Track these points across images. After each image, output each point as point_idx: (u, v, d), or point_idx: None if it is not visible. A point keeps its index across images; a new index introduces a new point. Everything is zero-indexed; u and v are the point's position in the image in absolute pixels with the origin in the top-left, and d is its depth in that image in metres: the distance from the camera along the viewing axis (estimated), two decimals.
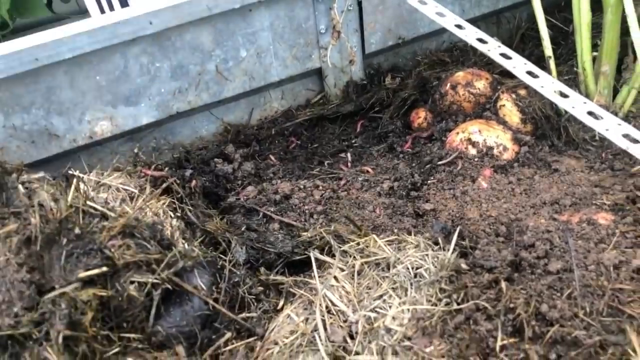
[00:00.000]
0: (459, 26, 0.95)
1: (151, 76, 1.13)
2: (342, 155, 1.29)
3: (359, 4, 1.24)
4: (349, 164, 1.26)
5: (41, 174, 0.85)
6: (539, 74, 0.81)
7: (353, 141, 1.33)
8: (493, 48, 0.88)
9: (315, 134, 1.35)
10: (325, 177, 1.20)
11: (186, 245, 0.93)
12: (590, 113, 0.74)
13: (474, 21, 1.43)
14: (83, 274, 0.74)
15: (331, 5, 1.19)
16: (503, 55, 0.86)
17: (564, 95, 0.78)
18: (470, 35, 0.91)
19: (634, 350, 0.73)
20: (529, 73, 0.82)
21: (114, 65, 1.08)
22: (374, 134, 1.33)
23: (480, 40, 0.90)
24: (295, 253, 1.02)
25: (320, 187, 1.17)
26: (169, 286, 0.82)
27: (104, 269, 0.76)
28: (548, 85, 0.80)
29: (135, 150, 1.15)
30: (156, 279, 0.81)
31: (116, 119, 1.15)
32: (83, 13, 2.94)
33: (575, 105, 0.76)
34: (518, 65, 0.84)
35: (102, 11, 1.46)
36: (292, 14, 1.19)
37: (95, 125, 1.14)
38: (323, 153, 1.30)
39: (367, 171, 1.21)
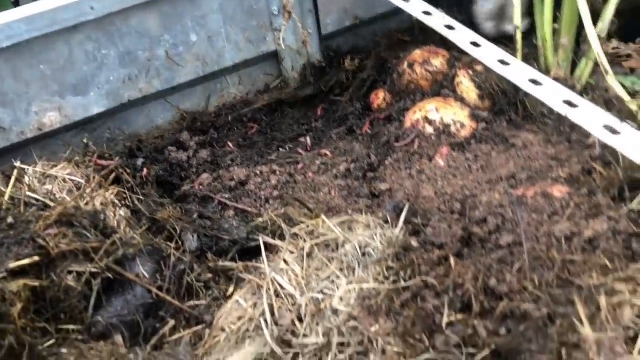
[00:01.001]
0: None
1: (98, 64, 1.10)
2: (302, 139, 1.27)
3: None
4: (309, 148, 1.24)
5: None
6: (482, 43, 0.79)
7: (313, 125, 1.31)
8: (438, 19, 0.86)
9: (275, 119, 1.33)
10: (283, 162, 1.18)
11: (137, 230, 0.90)
12: (531, 80, 0.72)
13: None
14: (13, 264, 0.72)
15: None
16: (448, 27, 0.84)
17: (505, 63, 0.76)
18: (416, 8, 0.89)
19: (581, 321, 0.72)
20: (473, 44, 0.80)
21: (58, 54, 1.06)
22: (335, 117, 1.31)
23: (425, 12, 0.88)
24: (250, 239, 1.00)
25: (278, 172, 1.15)
26: (110, 275, 0.80)
27: (36, 258, 0.73)
28: (490, 54, 0.78)
29: (85, 141, 1.12)
30: (95, 267, 0.79)
31: (65, 110, 1.12)
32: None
33: (516, 72, 0.74)
34: (461, 36, 0.82)
35: None
36: None
37: (43, 116, 1.11)
38: (282, 138, 1.28)
39: (325, 154, 1.19)
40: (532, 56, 1.22)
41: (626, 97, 1.03)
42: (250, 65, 1.27)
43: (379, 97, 1.27)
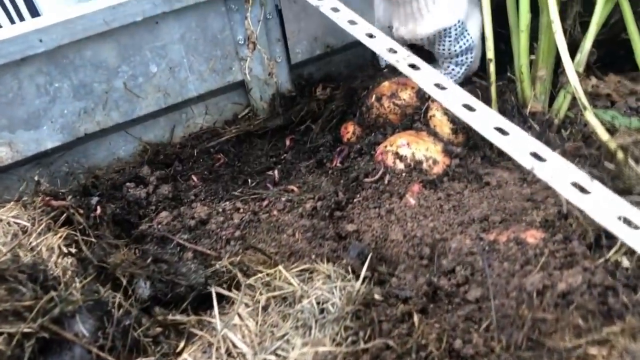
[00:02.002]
0: (370, 35, 0.87)
1: (51, 97, 1.04)
2: (270, 172, 1.22)
3: (279, 11, 1.16)
4: (276, 182, 1.19)
5: None
6: (447, 85, 0.74)
7: (282, 157, 1.26)
8: (402, 58, 0.80)
9: (243, 151, 1.27)
10: (247, 199, 1.12)
11: (77, 284, 0.84)
12: (497, 128, 0.67)
13: None
14: None
15: (246, 14, 1.11)
16: (412, 65, 0.79)
17: (471, 109, 0.71)
18: (381, 45, 0.84)
19: None
20: (437, 85, 0.75)
21: (6, 88, 1.00)
22: (304, 149, 1.25)
23: (391, 49, 0.83)
24: (208, 284, 0.94)
25: (241, 210, 1.09)
26: (46, 335, 0.74)
27: None
28: (455, 98, 0.73)
29: (36, 178, 1.06)
30: (28, 328, 0.73)
31: (16, 145, 1.06)
32: None
33: (482, 119, 0.69)
34: (426, 76, 0.77)
35: (12, 21, 1.37)
36: (205, 24, 1.11)
37: None
38: (249, 171, 1.22)
39: (292, 190, 1.13)
40: (507, 88, 1.17)
41: (605, 136, 0.98)
42: (217, 94, 1.22)
43: (349, 130, 1.22)
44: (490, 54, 1.12)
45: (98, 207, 1.01)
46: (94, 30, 1.00)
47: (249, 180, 1.20)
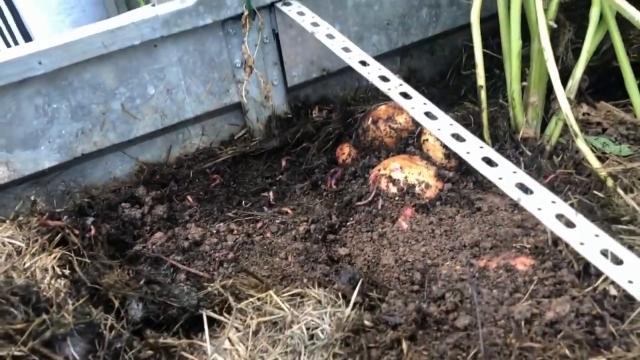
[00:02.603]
0: (363, 63, 0.89)
1: (49, 118, 1.06)
2: (265, 194, 1.23)
3: (276, 36, 1.18)
4: (271, 203, 1.20)
5: None
6: (438, 115, 0.75)
7: (277, 178, 1.27)
8: (394, 87, 0.82)
9: (239, 171, 1.28)
10: (241, 220, 1.13)
11: (70, 306, 0.85)
12: (485, 159, 0.68)
13: (404, 50, 1.38)
14: None
15: (243, 38, 1.13)
16: (403, 94, 0.80)
17: (460, 139, 0.72)
18: (373, 72, 0.85)
19: None
20: (427, 114, 0.76)
21: (4, 108, 1.01)
22: (300, 170, 1.27)
23: (383, 77, 0.84)
24: (201, 307, 0.94)
25: (235, 232, 1.10)
26: (36, 359, 0.75)
27: None
28: (445, 127, 0.74)
29: (32, 197, 1.07)
30: (20, 351, 0.73)
31: (13, 164, 1.07)
32: None
33: (470, 150, 0.70)
34: (417, 105, 0.78)
35: (8, 44, 1.39)
36: (203, 48, 1.13)
37: None
38: (245, 192, 1.23)
39: (287, 212, 1.14)
40: (499, 114, 1.19)
41: (595, 163, 1.00)
42: (214, 116, 1.23)
43: (344, 152, 1.23)
44: (481, 80, 1.13)
45: (92, 228, 1.01)
46: (92, 53, 1.01)
47: (244, 202, 1.21)
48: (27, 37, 1.37)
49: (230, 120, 1.28)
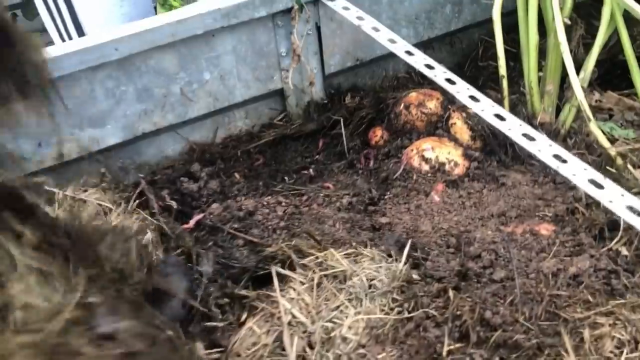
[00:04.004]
0: (408, 52, 1.01)
1: (116, 99, 1.17)
2: (305, 171, 1.35)
3: (318, 28, 1.30)
4: (312, 179, 1.32)
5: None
6: (480, 98, 0.88)
7: (315, 158, 1.39)
8: (439, 73, 0.95)
9: (279, 152, 1.40)
10: (287, 194, 1.25)
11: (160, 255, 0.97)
12: (524, 135, 0.81)
13: (428, 42, 1.50)
14: None
15: (291, 30, 1.25)
16: (448, 80, 0.93)
17: (501, 118, 0.85)
18: (419, 61, 0.98)
19: (567, 351, 0.80)
20: (471, 97, 0.89)
21: (81, 90, 1.12)
22: (335, 151, 1.39)
23: (428, 66, 0.97)
24: (259, 268, 1.06)
25: (283, 203, 1.22)
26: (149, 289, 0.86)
27: None
28: (488, 108, 0.87)
29: (102, 170, 1.19)
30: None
31: (83, 141, 1.18)
32: (47, 31, 2.96)
33: (511, 127, 0.83)
34: (461, 90, 0.91)
35: (62, 39, 1.50)
36: (254, 37, 1.24)
37: (62, 147, 1.17)
38: (286, 170, 1.35)
39: (328, 187, 1.26)
40: (519, 101, 1.32)
41: (606, 144, 1.13)
42: (257, 100, 1.35)
43: (377, 135, 1.36)
44: (503, 70, 1.27)
45: (166, 196, 1.13)
46: (161, 42, 1.13)
47: (287, 178, 1.33)
48: (80, 29, 1.47)
49: (270, 105, 1.40)
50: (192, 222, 1.17)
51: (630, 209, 0.71)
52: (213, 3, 1.15)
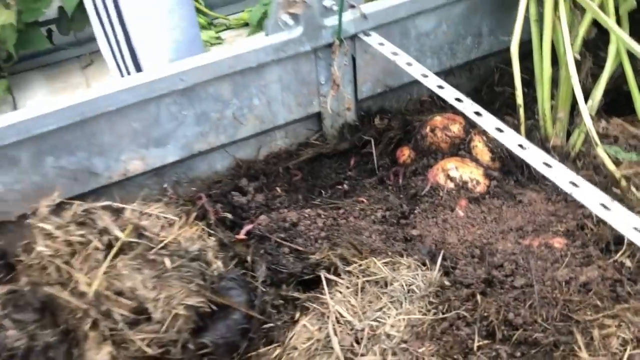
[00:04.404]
0: (440, 87, 1.16)
1: (178, 122, 1.32)
2: (339, 186, 1.49)
3: (354, 59, 1.45)
4: (346, 195, 1.46)
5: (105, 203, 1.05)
6: (504, 129, 1.03)
7: (348, 174, 1.54)
8: (468, 106, 1.09)
9: (315, 168, 1.55)
10: (325, 207, 1.40)
11: (220, 265, 1.11)
12: (544, 163, 0.96)
13: (450, 70, 1.66)
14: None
15: (331, 62, 1.40)
16: (476, 113, 1.08)
17: (523, 147, 1.00)
18: (449, 95, 1.13)
19: (579, 348, 0.95)
20: (498, 129, 1.04)
21: (149, 114, 1.27)
22: (366, 168, 1.54)
23: (458, 99, 1.12)
24: (304, 273, 1.21)
25: (322, 216, 1.36)
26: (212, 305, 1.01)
27: None
28: (512, 139, 1.01)
29: (165, 185, 1.34)
30: (201, 301, 0.99)
31: (147, 159, 1.33)
32: (81, 45, 3.11)
33: (532, 156, 0.98)
34: (488, 122, 1.05)
35: (122, 74, 1.64)
36: (298, 68, 1.40)
37: (129, 163, 1.32)
38: (322, 185, 1.50)
39: (362, 201, 1.41)
40: (534, 126, 1.47)
41: (611, 167, 1.28)
42: (297, 122, 1.50)
43: (404, 154, 1.50)
44: (520, 100, 1.42)
45: (219, 209, 1.28)
46: (220, 73, 1.28)
47: (323, 192, 1.48)
48: (134, 56, 1.62)
49: (308, 126, 1.55)
50: (242, 232, 1.32)
51: (635, 229, 0.85)
52: (264, 39, 1.31)
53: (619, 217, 0.88)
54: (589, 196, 0.92)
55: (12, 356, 0.91)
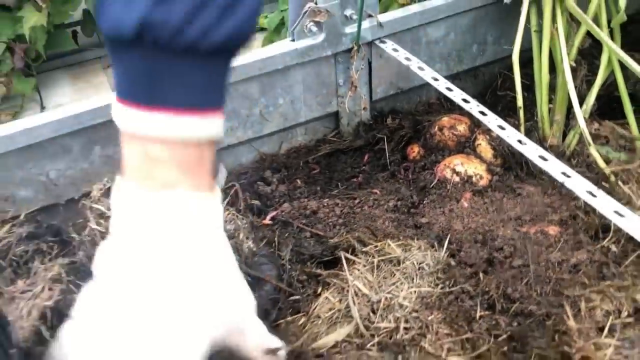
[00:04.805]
0: (448, 89, 1.30)
1: None
2: (354, 179, 1.64)
3: (369, 63, 1.59)
4: (360, 186, 1.61)
5: None
6: (506, 127, 1.17)
7: (362, 168, 1.68)
8: (474, 107, 1.24)
9: (332, 162, 1.69)
10: (342, 197, 1.54)
11: (251, 244, 1.25)
12: (540, 156, 1.10)
13: (456, 75, 1.80)
14: None
15: (349, 65, 1.54)
16: (481, 112, 1.22)
17: (522, 142, 1.14)
18: (457, 96, 1.27)
19: (568, 317, 1.08)
20: (499, 127, 1.18)
21: None
22: (379, 163, 1.68)
23: (465, 100, 1.26)
24: (324, 255, 1.35)
25: (340, 205, 1.50)
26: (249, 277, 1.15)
27: None
28: (512, 135, 1.15)
29: None
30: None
31: None
32: (103, 46, 3.27)
33: (529, 150, 1.12)
34: (491, 120, 1.20)
35: None
36: (319, 70, 1.54)
37: None
38: (339, 178, 1.64)
39: (376, 192, 1.55)
40: (532, 127, 1.61)
41: (602, 164, 1.42)
42: (316, 120, 1.64)
43: (414, 151, 1.65)
44: (520, 103, 1.56)
45: (247, 197, 1.42)
46: (251, 74, 1.42)
47: (339, 184, 1.62)
48: None
49: (325, 124, 1.69)
50: (268, 218, 1.46)
51: (617, 212, 0.99)
52: (291, 44, 1.45)
53: (603, 203, 1.02)
54: (578, 185, 1.06)
55: None
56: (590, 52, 1.73)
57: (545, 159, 1.09)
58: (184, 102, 0.63)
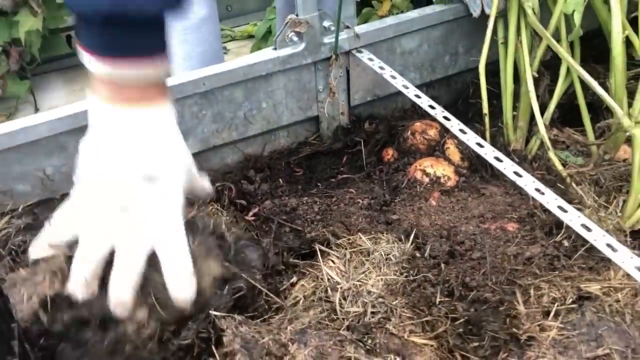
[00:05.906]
0: (417, 96, 1.42)
1: (198, 120, 1.57)
2: (333, 179, 1.75)
3: (347, 71, 1.71)
4: (338, 186, 1.72)
5: None
6: (467, 131, 1.29)
7: (340, 169, 1.79)
8: (439, 112, 1.35)
9: (312, 164, 1.80)
10: (321, 195, 1.65)
11: (236, 231, 1.35)
12: (495, 157, 1.22)
13: (430, 83, 1.92)
14: None
15: (328, 73, 1.66)
16: (445, 118, 1.33)
17: (481, 145, 1.26)
18: (424, 103, 1.38)
19: (518, 303, 1.20)
20: (461, 130, 1.29)
21: (176, 112, 1.52)
22: (356, 165, 1.79)
23: (431, 106, 1.38)
24: (302, 248, 1.46)
25: (318, 202, 1.61)
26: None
27: None
28: (472, 139, 1.27)
29: None
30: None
31: None
32: None
33: (487, 152, 1.24)
34: (454, 125, 1.31)
35: None
36: (300, 77, 1.65)
37: None
38: (318, 178, 1.75)
39: (351, 192, 1.66)
40: (498, 133, 1.73)
41: (559, 167, 1.54)
42: (297, 124, 1.75)
43: (389, 154, 1.76)
44: (485, 110, 1.68)
45: (231, 194, 1.53)
46: (236, 79, 1.53)
47: (319, 184, 1.73)
48: None
49: (306, 127, 1.81)
50: (251, 213, 1.57)
51: (560, 208, 1.11)
52: (273, 52, 1.56)
53: (549, 199, 1.14)
54: (529, 183, 1.17)
55: None
56: (556, 63, 1.86)
57: (500, 160, 1.21)
58: (137, 52, 0.93)
